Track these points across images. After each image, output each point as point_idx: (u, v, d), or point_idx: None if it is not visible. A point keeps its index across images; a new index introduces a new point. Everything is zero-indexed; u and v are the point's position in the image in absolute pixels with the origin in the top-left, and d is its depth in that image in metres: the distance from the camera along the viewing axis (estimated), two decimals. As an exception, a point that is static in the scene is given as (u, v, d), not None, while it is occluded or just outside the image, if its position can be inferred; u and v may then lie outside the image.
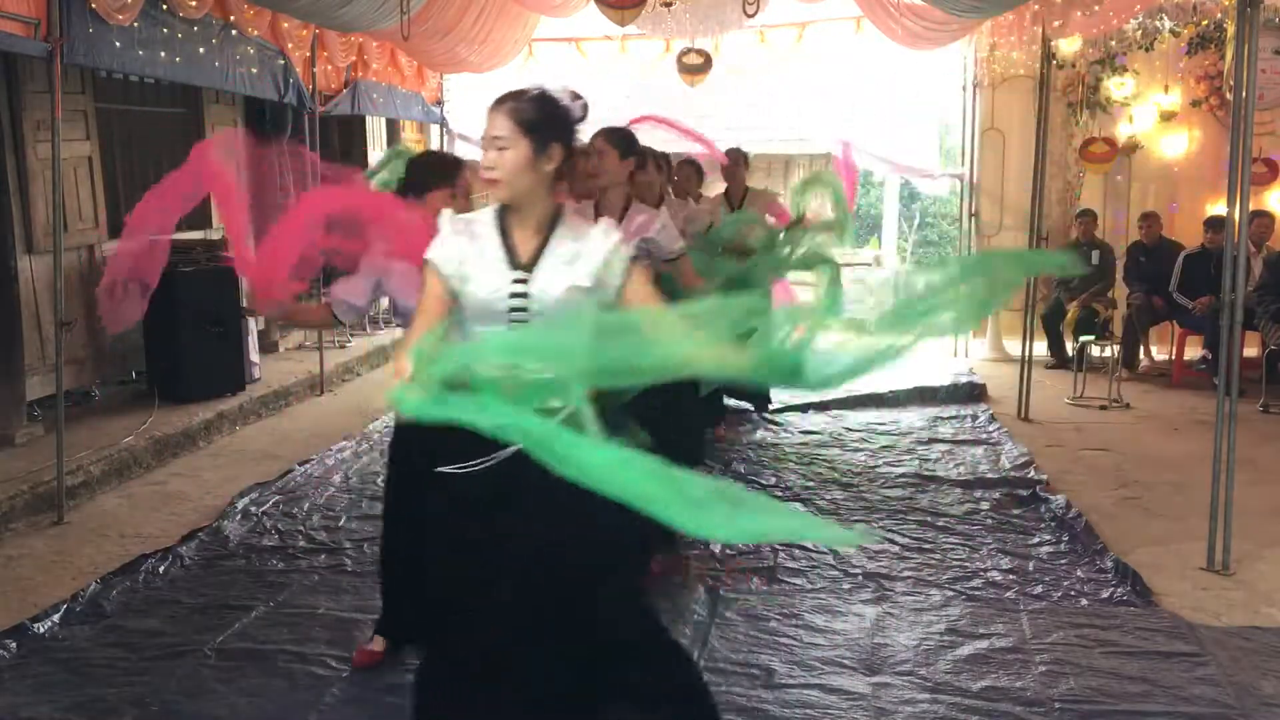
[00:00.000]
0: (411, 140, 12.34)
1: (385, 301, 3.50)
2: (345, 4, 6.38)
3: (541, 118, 2.34)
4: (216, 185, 3.31)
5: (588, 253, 2.35)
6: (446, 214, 2.44)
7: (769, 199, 6.86)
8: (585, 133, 3.91)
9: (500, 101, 2.36)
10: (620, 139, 3.87)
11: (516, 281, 2.32)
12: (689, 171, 6.99)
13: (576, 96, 2.42)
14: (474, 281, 2.32)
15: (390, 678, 3.37)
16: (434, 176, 3.35)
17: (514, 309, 2.31)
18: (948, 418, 7.04)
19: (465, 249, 2.35)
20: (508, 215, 2.39)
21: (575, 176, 3.85)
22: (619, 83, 11.47)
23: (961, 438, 6.52)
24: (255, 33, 6.78)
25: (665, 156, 5.48)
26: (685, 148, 7.16)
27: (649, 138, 4.69)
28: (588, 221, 2.48)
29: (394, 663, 3.44)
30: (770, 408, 7.21)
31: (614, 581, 2.42)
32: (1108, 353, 7.86)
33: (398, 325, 3.57)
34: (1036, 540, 4.67)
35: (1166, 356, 8.66)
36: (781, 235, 5.08)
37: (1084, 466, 5.91)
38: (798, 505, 5.16)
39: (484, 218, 2.42)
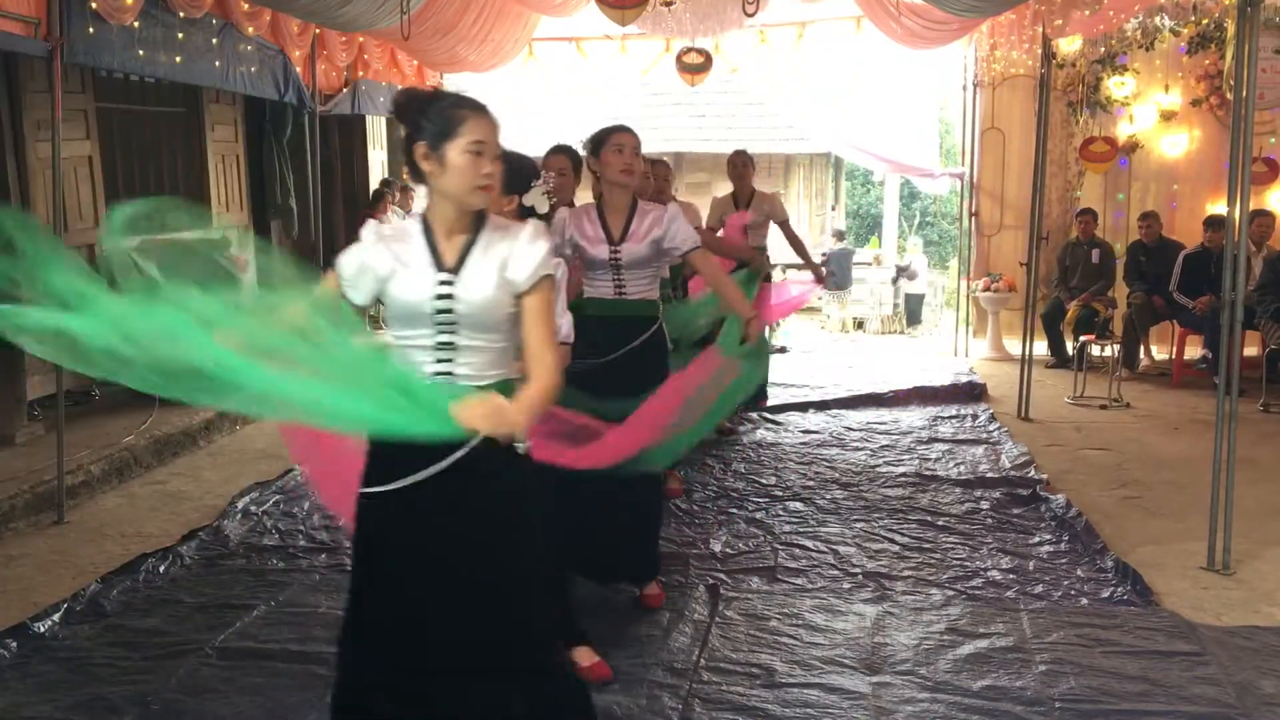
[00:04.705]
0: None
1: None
2: (345, 4, 6.38)
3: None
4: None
5: (516, 255, 2.35)
6: (371, 225, 2.44)
7: (775, 201, 6.86)
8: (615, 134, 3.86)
9: (489, 112, 2.37)
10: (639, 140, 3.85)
11: (442, 284, 2.32)
12: (663, 172, 6.82)
13: None
14: (399, 284, 2.33)
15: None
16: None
17: (440, 310, 2.32)
18: (948, 417, 7.04)
19: (387, 255, 2.36)
20: (433, 221, 2.39)
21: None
22: (619, 83, 11.46)
23: (961, 437, 6.52)
24: (255, 32, 6.78)
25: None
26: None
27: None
28: (512, 223, 2.46)
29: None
30: (766, 404, 7.22)
31: (518, 607, 2.40)
32: (1108, 352, 7.87)
33: None
34: (1037, 540, 4.67)
35: (1166, 356, 8.66)
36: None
37: (1084, 466, 5.91)
38: (798, 505, 5.17)
39: (410, 226, 2.42)
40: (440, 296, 2.31)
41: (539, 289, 2.36)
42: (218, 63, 6.51)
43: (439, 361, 2.34)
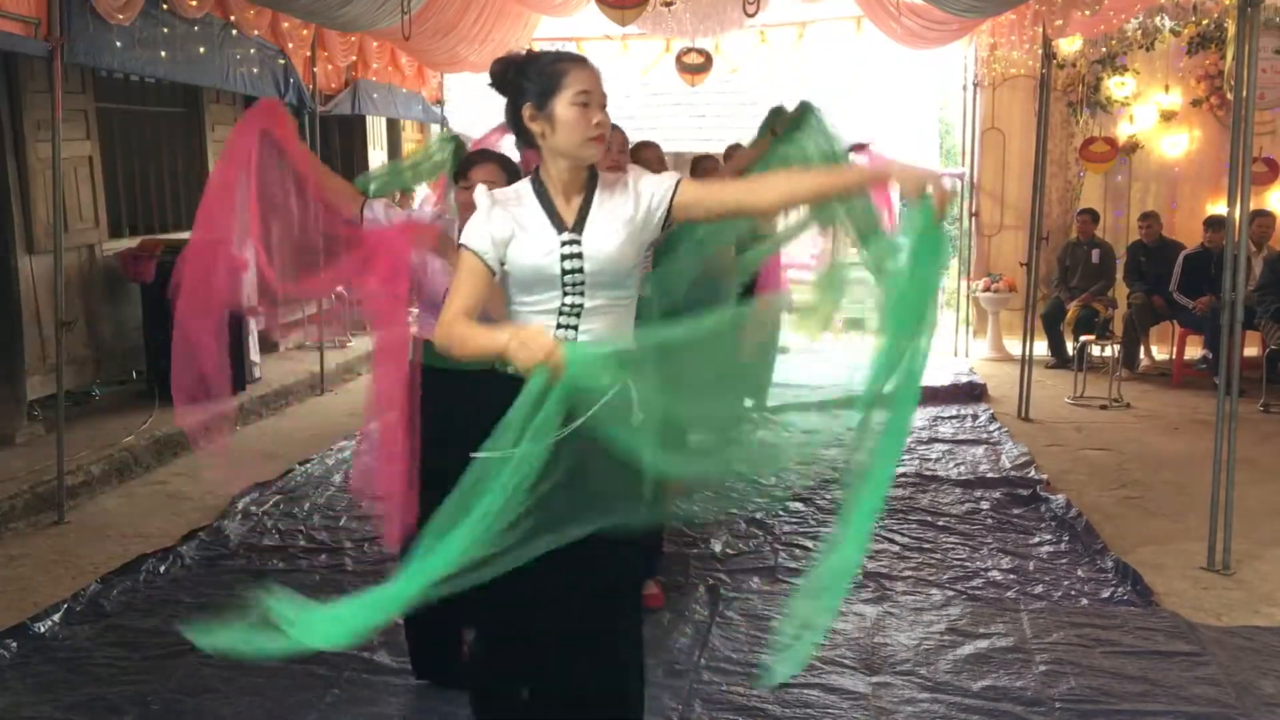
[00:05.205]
0: (411, 140, 12.35)
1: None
2: (345, 4, 6.38)
3: None
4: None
5: (641, 197, 2.33)
6: (482, 190, 2.37)
7: None
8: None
9: (589, 62, 2.33)
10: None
11: (566, 244, 2.28)
12: (619, 139, 6.60)
13: None
14: (520, 248, 2.28)
15: (391, 678, 3.38)
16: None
17: (567, 271, 2.27)
18: (948, 417, 7.04)
19: (506, 218, 2.31)
20: (547, 183, 2.34)
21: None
22: (619, 83, 11.47)
23: (962, 437, 6.52)
24: (255, 32, 6.78)
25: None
26: None
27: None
28: (618, 174, 2.41)
29: (397, 666, 3.45)
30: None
31: (616, 597, 2.42)
32: (1108, 352, 7.87)
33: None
34: (1037, 540, 4.67)
35: (1167, 356, 8.66)
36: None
37: (1084, 466, 5.91)
38: (798, 505, 5.16)
39: (521, 188, 2.38)
40: (566, 257, 2.26)
41: (683, 184, 2.33)
42: (218, 63, 6.51)
43: (561, 327, 2.29)
